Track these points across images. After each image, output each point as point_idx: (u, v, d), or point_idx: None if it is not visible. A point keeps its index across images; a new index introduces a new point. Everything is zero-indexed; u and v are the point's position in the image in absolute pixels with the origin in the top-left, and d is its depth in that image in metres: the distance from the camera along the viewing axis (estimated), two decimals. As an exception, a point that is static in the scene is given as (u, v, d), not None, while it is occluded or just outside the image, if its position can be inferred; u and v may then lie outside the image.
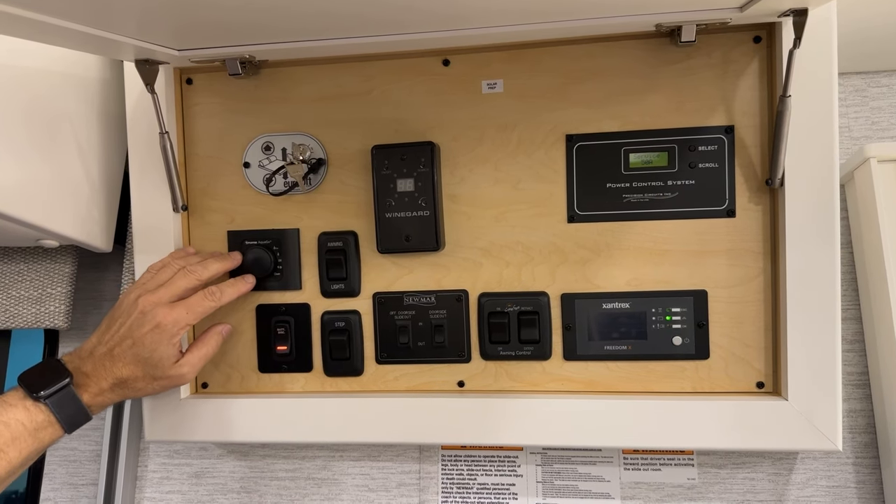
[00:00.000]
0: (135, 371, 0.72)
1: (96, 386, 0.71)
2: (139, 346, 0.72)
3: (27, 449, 0.65)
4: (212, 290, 0.77)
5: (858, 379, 0.87)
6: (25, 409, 0.66)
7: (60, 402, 0.68)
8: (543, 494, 0.90)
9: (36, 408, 0.67)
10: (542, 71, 0.79)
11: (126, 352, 0.72)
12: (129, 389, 0.73)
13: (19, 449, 0.64)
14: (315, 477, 0.95)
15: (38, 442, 0.66)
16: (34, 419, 0.66)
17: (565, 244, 0.80)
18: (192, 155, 0.86)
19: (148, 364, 0.72)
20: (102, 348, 0.73)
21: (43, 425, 0.66)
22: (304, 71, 0.83)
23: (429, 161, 0.78)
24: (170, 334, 0.72)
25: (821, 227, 0.73)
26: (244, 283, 0.81)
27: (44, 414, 0.67)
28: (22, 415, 0.65)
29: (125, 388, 0.73)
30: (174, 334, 0.73)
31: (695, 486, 0.88)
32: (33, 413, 0.66)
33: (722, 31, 0.75)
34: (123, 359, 0.72)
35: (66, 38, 0.64)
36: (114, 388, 0.72)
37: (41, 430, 0.66)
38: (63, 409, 0.68)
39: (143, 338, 0.72)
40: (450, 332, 0.82)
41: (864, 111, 0.92)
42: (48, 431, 0.67)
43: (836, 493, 0.86)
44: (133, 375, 0.72)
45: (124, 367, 0.72)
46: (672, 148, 0.77)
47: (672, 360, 0.78)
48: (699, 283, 0.77)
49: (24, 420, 0.65)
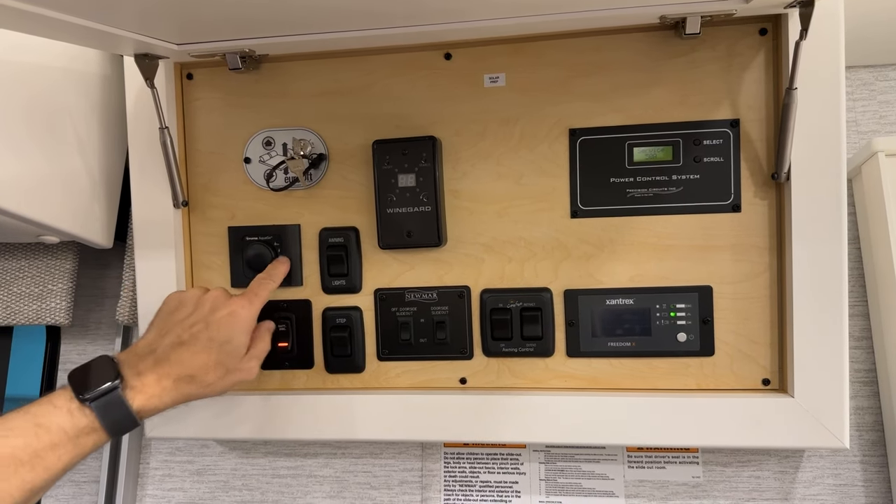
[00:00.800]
0: (207, 360, 0.66)
1: (156, 385, 0.64)
2: (214, 329, 0.67)
3: (67, 456, 0.60)
4: (264, 274, 0.78)
5: (866, 376, 0.86)
6: (69, 413, 0.60)
7: (106, 406, 0.61)
8: (546, 492, 0.89)
9: (80, 412, 0.61)
10: (545, 64, 0.78)
11: (198, 336, 0.67)
12: (196, 385, 0.66)
13: (59, 456, 0.59)
14: (317, 474, 0.95)
15: (78, 448, 0.60)
16: (76, 424, 0.60)
17: (568, 240, 0.79)
18: (193, 150, 0.86)
19: (223, 351, 0.67)
20: (167, 339, 0.67)
21: (85, 431, 0.61)
22: (305, 66, 0.82)
23: (430, 156, 0.78)
24: (244, 321, 0.70)
25: (828, 223, 0.72)
26: (283, 264, 0.81)
27: (87, 419, 0.61)
28: (65, 419, 0.60)
29: (192, 383, 0.66)
30: (248, 321, 0.70)
31: (700, 484, 0.87)
32: (77, 417, 0.60)
33: (727, 24, 0.74)
34: (195, 346, 0.66)
35: (64, 32, 0.63)
36: (178, 384, 0.65)
37: (83, 437, 0.61)
38: (108, 415, 0.61)
39: (218, 322, 0.68)
40: (452, 329, 0.81)
41: (872, 105, 0.91)
42: (91, 438, 0.61)
43: (843, 491, 0.85)
44: (205, 366, 0.66)
45: (195, 357, 0.66)
46: (676, 142, 0.76)
47: (677, 356, 0.77)
48: (704, 278, 0.76)
49: (67, 426, 0.60)
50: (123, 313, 0.89)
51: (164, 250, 0.83)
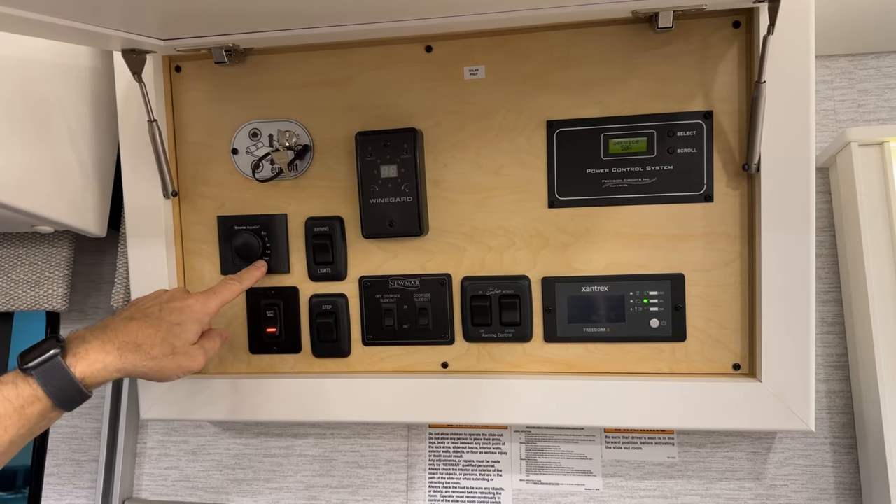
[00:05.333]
0: (155, 334, 0.69)
1: (100, 351, 0.66)
2: (167, 312, 0.71)
3: (13, 427, 0.61)
4: (232, 276, 0.81)
5: (838, 360, 0.89)
6: (14, 385, 0.62)
7: (46, 373, 0.63)
8: (527, 471, 0.92)
9: (24, 382, 0.63)
10: (524, 57, 0.80)
11: (149, 314, 0.70)
12: (141, 356, 0.67)
13: (5, 427, 0.60)
14: (307, 454, 0.98)
15: (24, 418, 0.62)
16: (21, 394, 0.62)
17: (546, 229, 0.81)
18: (183, 141, 0.88)
19: (171, 332, 0.70)
20: (121, 316, 0.70)
21: (30, 400, 0.62)
22: (289, 58, 0.84)
23: (411, 147, 0.80)
24: (197, 312, 0.73)
25: (796, 213, 0.73)
26: (257, 269, 0.84)
27: (31, 387, 0.62)
28: (9, 391, 0.62)
29: (137, 352, 0.67)
30: (201, 313, 0.73)
31: (675, 464, 0.90)
32: (20, 387, 0.62)
33: (701, 17, 0.75)
34: (144, 321, 0.69)
35: (51, 32, 0.65)
36: (123, 351, 0.66)
37: (28, 406, 0.62)
38: (50, 381, 0.63)
39: (171, 308, 0.71)
40: (434, 315, 0.84)
41: (851, 94, 0.92)
42: (35, 407, 0.62)
43: (812, 471, 0.88)
44: (151, 338, 0.68)
45: (143, 329, 0.68)
46: (651, 133, 0.78)
47: (650, 342, 0.80)
48: (677, 266, 0.79)
49: (11, 396, 0.61)
50: (118, 299, 0.92)
51: (156, 239, 0.86)
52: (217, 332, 0.79)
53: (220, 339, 0.79)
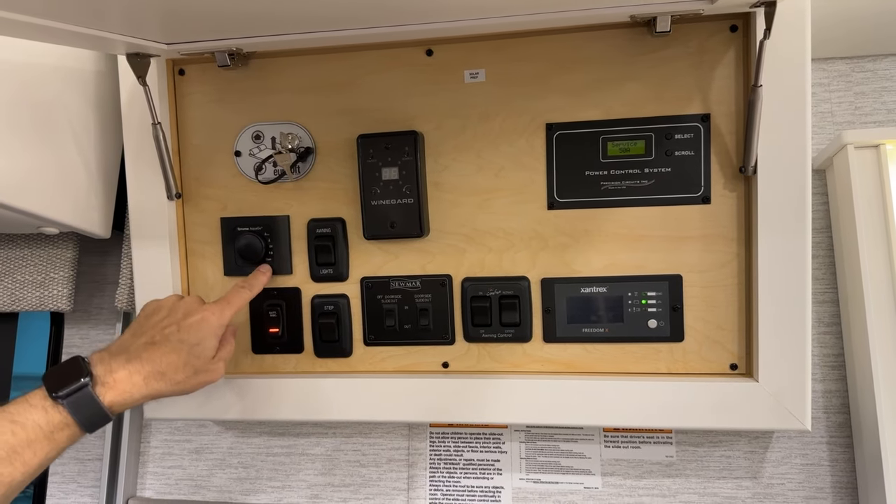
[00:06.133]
0: (177, 360, 0.70)
1: (127, 382, 0.68)
2: (185, 332, 0.72)
3: (42, 451, 0.63)
4: (242, 282, 0.81)
5: (835, 360, 0.90)
6: (44, 410, 0.64)
7: (78, 402, 0.65)
8: (527, 470, 0.93)
9: (54, 409, 0.64)
10: (524, 60, 0.81)
11: (170, 338, 0.71)
12: (166, 382, 0.70)
13: (34, 451, 0.62)
14: (309, 453, 0.99)
15: (53, 443, 0.64)
16: (51, 420, 0.64)
17: (545, 230, 0.82)
18: (186, 144, 0.89)
19: (192, 353, 0.71)
20: (140, 340, 0.71)
21: (60, 427, 0.64)
22: (292, 62, 0.85)
23: (412, 150, 0.81)
24: (215, 326, 0.74)
25: (793, 215, 0.74)
26: (263, 274, 0.85)
27: (61, 415, 0.64)
28: (40, 416, 0.64)
29: (162, 380, 0.70)
30: (218, 326, 0.74)
31: (673, 463, 0.91)
32: (51, 414, 0.64)
33: (699, 21, 0.76)
34: (165, 346, 0.70)
35: (56, 36, 0.66)
36: (148, 381, 0.69)
37: (58, 432, 0.64)
38: (80, 411, 0.65)
39: (189, 326, 0.72)
40: (434, 316, 0.85)
41: (848, 96, 0.93)
42: (65, 433, 0.65)
43: (809, 470, 0.89)
44: (174, 365, 0.70)
45: (165, 356, 0.70)
46: (649, 136, 0.79)
47: (648, 342, 0.81)
48: (674, 267, 0.79)
49: (41, 422, 0.63)
50: (122, 300, 0.93)
51: (159, 240, 0.87)
52: (230, 334, 0.80)
53: (233, 339, 0.81)
